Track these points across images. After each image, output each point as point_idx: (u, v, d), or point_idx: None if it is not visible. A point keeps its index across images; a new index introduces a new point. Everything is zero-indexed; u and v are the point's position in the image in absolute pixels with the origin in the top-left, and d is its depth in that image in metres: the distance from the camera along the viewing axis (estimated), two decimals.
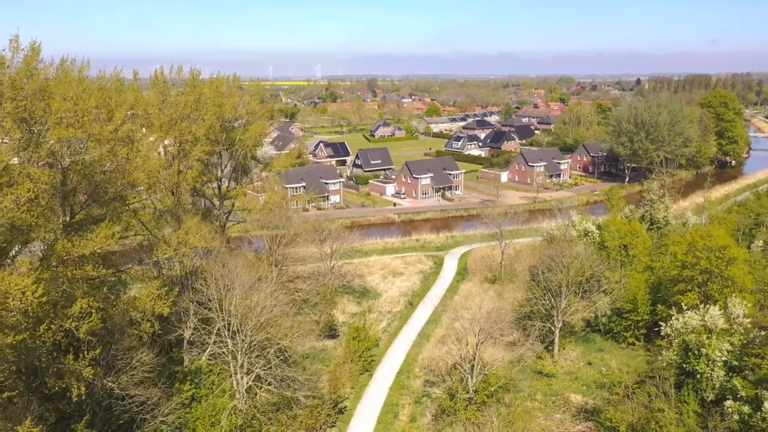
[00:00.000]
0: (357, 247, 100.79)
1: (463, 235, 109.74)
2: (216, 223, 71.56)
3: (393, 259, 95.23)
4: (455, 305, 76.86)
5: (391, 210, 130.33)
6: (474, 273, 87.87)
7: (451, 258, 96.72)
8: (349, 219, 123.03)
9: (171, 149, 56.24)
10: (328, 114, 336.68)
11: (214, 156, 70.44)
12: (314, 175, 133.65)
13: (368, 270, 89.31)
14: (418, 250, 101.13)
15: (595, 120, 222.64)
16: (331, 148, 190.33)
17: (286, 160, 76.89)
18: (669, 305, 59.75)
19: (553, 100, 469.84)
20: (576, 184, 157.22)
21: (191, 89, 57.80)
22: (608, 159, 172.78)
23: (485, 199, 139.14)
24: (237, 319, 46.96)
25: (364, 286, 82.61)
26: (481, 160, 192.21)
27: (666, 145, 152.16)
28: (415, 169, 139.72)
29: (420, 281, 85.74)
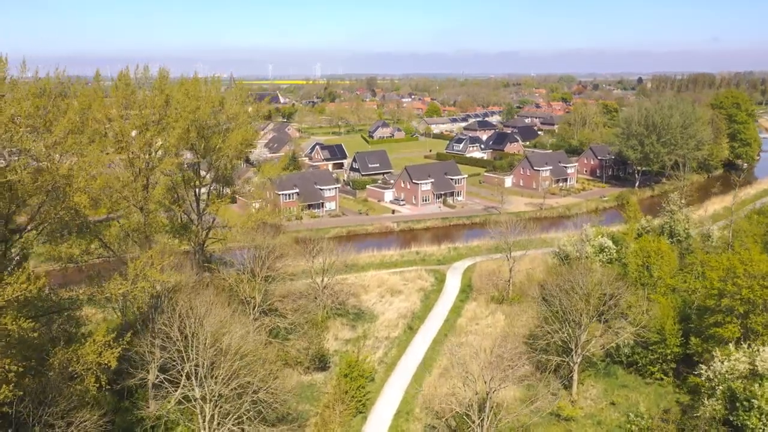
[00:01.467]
0: (352, 261, 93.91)
1: (467, 247, 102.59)
2: (194, 239, 64.54)
3: (391, 274, 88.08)
4: (459, 329, 69.91)
5: (390, 218, 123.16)
6: (479, 291, 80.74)
7: (453, 273, 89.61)
8: (345, 228, 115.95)
9: (136, 162, 49.03)
10: (327, 114, 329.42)
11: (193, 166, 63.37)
12: (308, 181, 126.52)
13: (364, 288, 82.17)
14: (419, 263, 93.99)
15: (601, 121, 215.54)
16: (327, 150, 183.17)
17: (275, 168, 69.29)
18: (704, 338, 52.78)
19: (555, 99, 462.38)
20: (584, 189, 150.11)
21: (159, 92, 50.53)
22: (616, 162, 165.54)
23: (489, 206, 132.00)
24: (205, 365, 39.90)
25: (360, 307, 75.46)
26: (484, 163, 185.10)
27: (678, 149, 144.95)
28: (415, 174, 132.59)
29: (420, 301, 78.61)
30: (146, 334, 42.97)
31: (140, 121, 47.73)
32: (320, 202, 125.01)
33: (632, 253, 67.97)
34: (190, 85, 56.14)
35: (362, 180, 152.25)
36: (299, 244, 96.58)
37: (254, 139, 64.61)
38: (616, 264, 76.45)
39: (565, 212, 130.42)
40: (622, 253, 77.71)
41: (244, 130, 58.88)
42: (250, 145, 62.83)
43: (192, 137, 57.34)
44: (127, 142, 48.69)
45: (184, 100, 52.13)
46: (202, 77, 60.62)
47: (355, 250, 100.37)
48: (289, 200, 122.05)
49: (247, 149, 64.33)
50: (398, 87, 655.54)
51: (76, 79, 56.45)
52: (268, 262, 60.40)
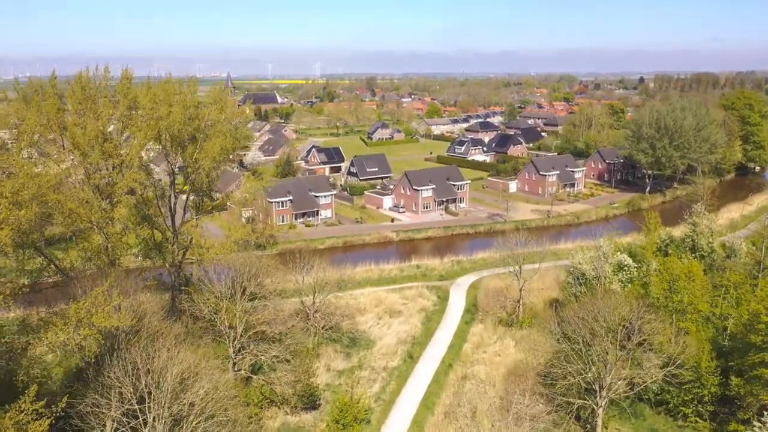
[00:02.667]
0: (348, 276, 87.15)
1: (471, 260, 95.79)
2: (170, 259, 57.72)
3: (390, 292, 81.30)
4: (464, 358, 63.15)
5: (389, 227, 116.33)
6: (485, 311, 73.95)
7: (457, 290, 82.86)
8: (341, 238, 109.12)
9: (94, 177, 42.24)
10: (325, 114, 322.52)
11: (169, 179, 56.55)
12: (303, 187, 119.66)
13: (360, 308, 75.37)
14: (419, 279, 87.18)
15: (607, 122, 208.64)
16: (324, 153, 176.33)
17: (257, 182, 62.33)
18: (747, 378, 46.03)
19: (557, 99, 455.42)
20: (592, 195, 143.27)
21: (123, 97, 43.72)
22: (625, 166, 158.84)
23: (493, 213, 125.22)
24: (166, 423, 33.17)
25: (355, 331, 68.63)
26: (487, 166, 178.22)
27: (692, 152, 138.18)
28: (415, 180, 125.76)
29: (421, 323, 71.81)
30: (99, 384, 36.22)
31: (97, 131, 40.83)
32: (315, 210, 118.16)
33: (657, 275, 61.13)
34: (159, 88, 49.28)
35: (360, 185, 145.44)
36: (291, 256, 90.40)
37: (235, 150, 57.68)
38: (637, 283, 69.82)
39: (574, 220, 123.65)
40: (643, 271, 71.00)
41: (223, 138, 52.02)
42: (229, 153, 55.93)
43: (165, 147, 50.54)
44: (84, 154, 41.79)
45: (150, 105, 45.32)
46: (176, 78, 53.87)
47: (351, 263, 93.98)
48: (282, 208, 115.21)
49: (227, 160, 57.48)
50: (398, 87, 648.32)
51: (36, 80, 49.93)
52: (251, 285, 53.57)
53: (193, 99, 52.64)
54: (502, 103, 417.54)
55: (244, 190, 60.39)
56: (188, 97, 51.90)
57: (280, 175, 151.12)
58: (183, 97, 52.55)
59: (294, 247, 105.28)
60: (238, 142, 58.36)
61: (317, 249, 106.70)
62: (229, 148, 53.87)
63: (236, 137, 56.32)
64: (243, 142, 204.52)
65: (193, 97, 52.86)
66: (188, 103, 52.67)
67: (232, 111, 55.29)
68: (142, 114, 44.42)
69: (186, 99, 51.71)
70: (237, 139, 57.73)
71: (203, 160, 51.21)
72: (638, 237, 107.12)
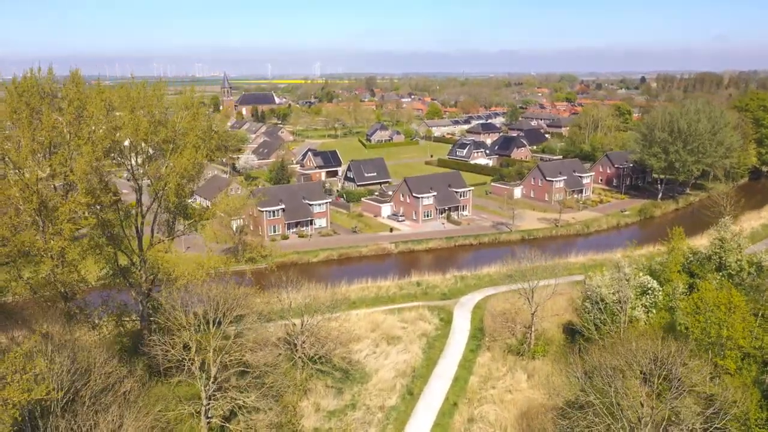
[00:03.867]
0: (341, 294, 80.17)
1: (475, 276, 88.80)
2: (137, 286, 50.70)
3: (387, 314, 74.34)
4: (471, 395, 56.18)
5: (387, 237, 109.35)
6: (492, 337, 66.97)
7: (461, 311, 75.90)
8: (336, 250, 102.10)
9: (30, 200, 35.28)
10: (323, 115, 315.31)
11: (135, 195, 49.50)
12: (296, 195, 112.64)
13: (354, 333, 68.21)
14: (420, 298, 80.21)
15: (614, 124, 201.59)
16: (320, 157, 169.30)
17: (234, 201, 55.22)
18: None
19: (559, 100, 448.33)
20: (601, 201, 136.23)
21: (68, 104, 36.77)
22: (635, 170, 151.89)
23: (498, 222, 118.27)
24: None
25: (349, 362, 61.59)
26: (489, 170, 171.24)
27: (706, 157, 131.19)
28: (415, 187, 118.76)
29: (422, 351, 64.85)
30: None
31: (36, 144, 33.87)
32: (309, 220, 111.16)
33: (687, 303, 54.16)
34: (114, 93, 42.30)
35: (357, 191, 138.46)
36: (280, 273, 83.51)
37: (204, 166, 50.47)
38: (661, 308, 62.91)
39: (584, 230, 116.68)
40: (668, 293, 64.06)
41: (193, 150, 44.99)
42: (202, 167, 48.92)
43: (125, 160, 43.59)
44: (21, 171, 34.81)
45: (101, 112, 38.37)
46: (140, 80, 46.91)
47: (346, 278, 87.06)
48: (274, 217, 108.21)
49: (200, 174, 50.49)
50: (398, 87, 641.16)
51: None
52: (228, 319, 46.57)
53: (159, 105, 45.76)
54: (504, 104, 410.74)
55: (214, 210, 52.82)
56: (154, 102, 45.00)
57: (273, 180, 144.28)
58: (146, 103, 45.62)
59: (286, 260, 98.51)
60: (213, 154, 51.33)
61: (310, 262, 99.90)
62: (202, 162, 46.94)
63: (211, 148, 49.42)
64: (237, 144, 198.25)
65: (161, 102, 45.98)
66: (152, 109, 45.79)
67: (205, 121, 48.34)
68: (93, 123, 37.60)
69: (151, 104, 44.81)
70: (212, 149, 50.74)
71: (171, 176, 44.29)
72: (655, 250, 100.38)
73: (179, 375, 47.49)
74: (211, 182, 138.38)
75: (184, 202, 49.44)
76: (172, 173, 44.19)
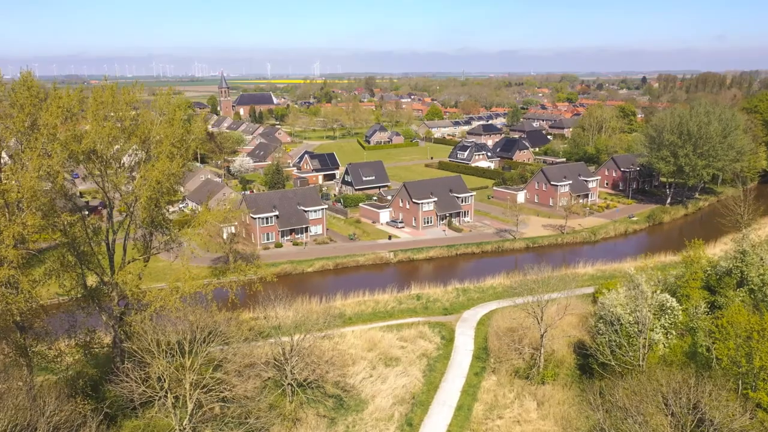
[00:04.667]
0: (336, 309, 75.64)
1: (478, 288, 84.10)
2: (107, 310, 45.94)
3: (386, 330, 69.58)
4: (476, 426, 51.43)
5: (386, 245, 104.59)
6: (498, 358, 62.20)
7: (464, 328, 71.17)
8: (331, 260, 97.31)
9: None
10: (321, 116, 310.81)
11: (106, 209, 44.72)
12: (290, 201, 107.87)
13: (349, 353, 63.60)
14: (420, 313, 75.48)
15: (618, 126, 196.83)
16: (318, 159, 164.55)
17: (216, 215, 50.38)
18: None
19: (561, 100, 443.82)
20: (608, 207, 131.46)
21: (20, 110, 32.04)
22: (642, 174, 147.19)
23: (501, 229, 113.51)
24: None
25: (342, 386, 56.97)
26: (491, 173, 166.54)
27: (717, 161, 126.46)
28: (415, 192, 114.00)
29: (423, 374, 60.11)
30: None
31: None
32: (304, 227, 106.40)
33: (717, 330, 49.45)
34: (71, 98, 37.44)
35: (355, 196, 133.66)
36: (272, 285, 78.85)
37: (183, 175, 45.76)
38: (680, 327, 58.24)
39: (590, 237, 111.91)
40: (690, 313, 59.38)
41: (166, 162, 40.20)
42: (178, 180, 44.14)
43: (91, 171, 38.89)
44: None
45: (54, 121, 33.63)
46: (110, 83, 42.17)
47: (342, 290, 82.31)
48: (267, 225, 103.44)
49: (178, 184, 45.72)
50: (397, 86, 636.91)
51: None
52: (204, 353, 41.76)
53: (126, 111, 41.02)
54: (505, 104, 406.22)
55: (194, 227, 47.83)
56: (122, 108, 40.29)
57: (268, 184, 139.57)
58: (115, 107, 40.90)
59: (279, 270, 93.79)
60: (189, 164, 46.56)
61: (305, 272, 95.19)
62: (178, 173, 42.18)
63: (188, 157, 44.61)
64: (232, 146, 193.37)
65: (128, 107, 41.23)
66: (123, 114, 41.08)
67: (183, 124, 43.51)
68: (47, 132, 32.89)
69: (120, 109, 40.10)
70: (188, 161, 45.88)
71: (143, 189, 39.57)
72: (667, 260, 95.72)
73: (153, 410, 42.82)
74: (204, 186, 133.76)
75: (159, 216, 44.66)
76: (144, 185, 39.45)
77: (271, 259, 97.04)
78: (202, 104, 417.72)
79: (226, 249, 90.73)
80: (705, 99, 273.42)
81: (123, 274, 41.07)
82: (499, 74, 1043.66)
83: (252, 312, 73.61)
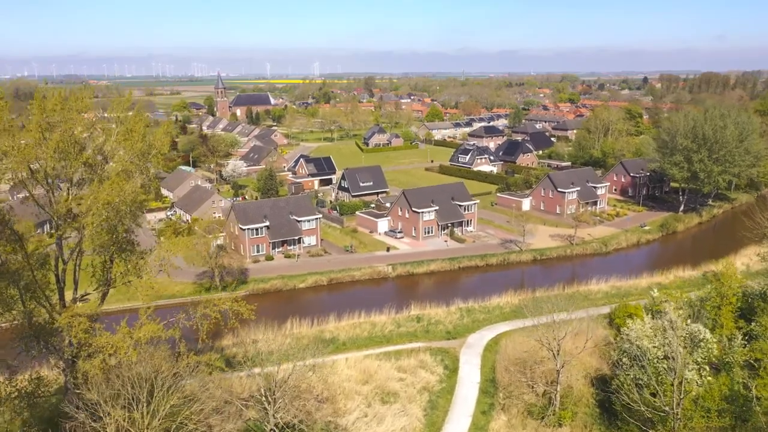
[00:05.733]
0: (329, 333, 69.37)
1: (483, 308, 77.57)
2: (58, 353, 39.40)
3: (383, 359, 63.02)
4: None
5: (384, 258, 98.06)
6: (508, 393, 55.68)
7: (469, 356, 64.64)
8: (325, 275, 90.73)
9: None
10: (319, 117, 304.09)
11: None
12: (282, 210, 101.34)
13: (341, 386, 57.04)
14: (420, 337, 68.96)
15: (625, 128, 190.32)
16: (313, 164, 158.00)
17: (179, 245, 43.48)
18: None
19: (562, 100, 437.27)
20: (618, 215, 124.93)
21: None
22: (652, 179, 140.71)
23: (506, 239, 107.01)
24: None
25: (334, 428, 50.43)
26: (494, 178, 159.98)
27: (734, 166, 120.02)
28: (415, 201, 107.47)
29: (424, 413, 53.61)
30: None
31: None
32: (297, 238, 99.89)
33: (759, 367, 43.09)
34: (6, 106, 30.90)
35: (352, 203, 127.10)
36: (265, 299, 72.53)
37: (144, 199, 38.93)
38: (717, 365, 51.84)
39: (601, 248, 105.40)
40: (725, 346, 53.02)
41: (119, 179, 33.60)
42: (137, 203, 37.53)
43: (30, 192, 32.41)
44: None
45: None
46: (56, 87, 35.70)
47: (337, 310, 75.79)
48: (257, 236, 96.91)
49: (140, 208, 39.13)
50: (397, 87, 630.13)
51: None
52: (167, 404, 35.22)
53: (79, 118, 34.58)
54: (506, 105, 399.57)
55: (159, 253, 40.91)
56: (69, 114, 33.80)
57: (261, 190, 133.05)
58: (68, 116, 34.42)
59: (268, 286, 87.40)
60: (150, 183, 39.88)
61: (297, 288, 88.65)
62: (137, 191, 35.61)
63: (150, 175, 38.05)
64: (226, 149, 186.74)
65: (79, 116, 34.77)
66: (75, 125, 34.61)
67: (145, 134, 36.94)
68: None
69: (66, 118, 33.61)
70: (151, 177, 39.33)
71: (89, 214, 32.99)
72: (686, 275, 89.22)
73: None
74: (193, 193, 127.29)
75: (115, 245, 38.07)
76: (92, 209, 32.97)
77: (260, 274, 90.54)
78: (198, 105, 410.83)
79: (211, 264, 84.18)
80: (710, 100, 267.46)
81: (67, 315, 34.50)
82: (499, 74, 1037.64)
83: (235, 336, 67.22)
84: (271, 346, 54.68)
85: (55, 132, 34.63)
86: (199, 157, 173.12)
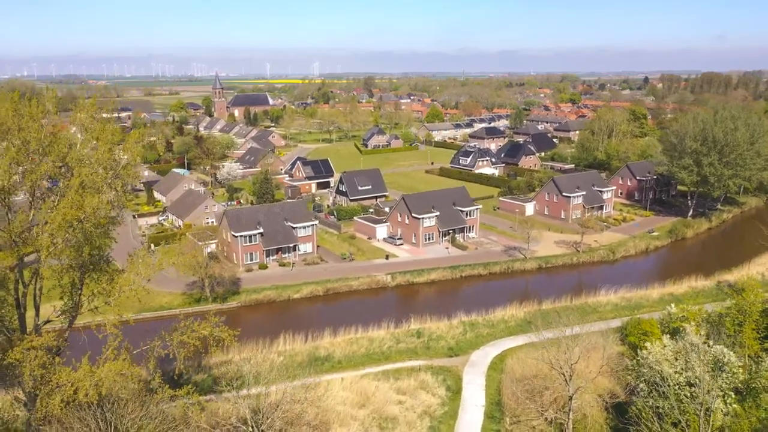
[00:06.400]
0: (323, 351, 65.42)
1: (487, 321, 73.59)
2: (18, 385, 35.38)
3: (381, 378, 59.03)
4: None
5: (383, 266, 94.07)
6: (515, 417, 51.79)
7: (473, 375, 60.65)
8: (321, 285, 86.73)
9: None
10: (318, 117, 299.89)
11: None
12: (276, 216, 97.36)
13: (335, 410, 53.02)
14: (421, 354, 64.98)
15: (629, 129, 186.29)
16: (310, 167, 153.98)
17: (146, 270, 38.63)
18: None
19: (563, 101, 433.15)
20: (624, 220, 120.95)
21: None
22: (659, 183, 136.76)
23: (510, 246, 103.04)
24: None
25: None
26: (496, 181, 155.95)
27: (745, 170, 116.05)
28: (415, 206, 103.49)
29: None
30: None
31: None
32: (292, 245, 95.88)
33: None
34: None
35: (350, 208, 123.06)
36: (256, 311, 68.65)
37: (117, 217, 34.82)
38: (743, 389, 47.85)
39: (609, 256, 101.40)
40: (750, 369, 49.05)
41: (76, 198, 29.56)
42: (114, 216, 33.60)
43: None
44: None
45: None
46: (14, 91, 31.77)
47: (333, 324, 71.78)
48: (250, 243, 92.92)
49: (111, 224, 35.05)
50: (397, 87, 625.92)
51: None
52: None
53: (34, 127, 30.64)
54: (507, 105, 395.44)
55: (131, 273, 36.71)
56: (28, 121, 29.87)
57: (256, 194, 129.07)
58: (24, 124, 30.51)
59: (261, 297, 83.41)
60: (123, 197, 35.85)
61: (291, 299, 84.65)
62: (100, 208, 31.66)
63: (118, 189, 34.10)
64: (221, 151, 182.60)
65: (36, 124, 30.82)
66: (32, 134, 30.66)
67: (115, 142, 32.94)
68: None
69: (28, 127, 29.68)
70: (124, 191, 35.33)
71: (43, 232, 28.98)
72: (698, 285, 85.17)
73: None
74: (186, 197, 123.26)
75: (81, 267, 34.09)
76: (48, 226, 28.98)
77: (253, 283, 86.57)
78: (196, 105, 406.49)
79: (201, 274, 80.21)
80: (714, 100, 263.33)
81: (21, 349, 30.45)
82: (499, 74, 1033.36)
83: (224, 353, 63.14)
84: (261, 367, 50.93)
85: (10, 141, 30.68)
86: (194, 159, 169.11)
